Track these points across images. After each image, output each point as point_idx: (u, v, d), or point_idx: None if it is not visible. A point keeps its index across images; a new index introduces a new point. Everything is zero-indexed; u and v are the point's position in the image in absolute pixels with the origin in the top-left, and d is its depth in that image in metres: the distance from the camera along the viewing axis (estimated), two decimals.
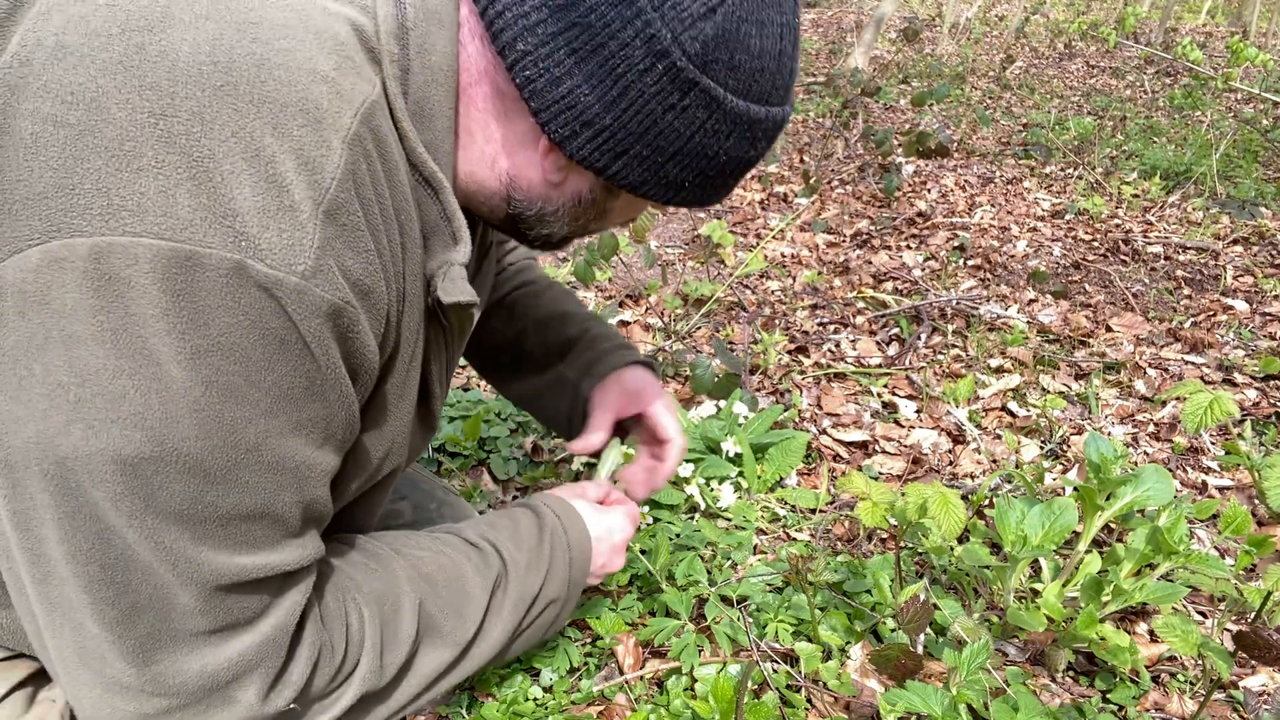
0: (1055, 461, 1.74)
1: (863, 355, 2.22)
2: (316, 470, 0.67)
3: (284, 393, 0.61)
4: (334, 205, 0.60)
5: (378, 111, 0.65)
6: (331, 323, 0.61)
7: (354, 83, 0.64)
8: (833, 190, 3.78)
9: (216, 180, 0.56)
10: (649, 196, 0.75)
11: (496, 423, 1.77)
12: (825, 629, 1.21)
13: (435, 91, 0.69)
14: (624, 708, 1.11)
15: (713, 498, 1.50)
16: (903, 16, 9.61)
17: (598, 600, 1.26)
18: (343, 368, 0.65)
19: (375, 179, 0.65)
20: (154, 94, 0.56)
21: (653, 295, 2.51)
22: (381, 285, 0.66)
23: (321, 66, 0.62)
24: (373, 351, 0.67)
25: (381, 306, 0.67)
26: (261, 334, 0.58)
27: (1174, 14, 10.87)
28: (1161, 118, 5.37)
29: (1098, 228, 3.29)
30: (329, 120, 0.61)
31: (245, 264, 0.56)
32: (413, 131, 0.68)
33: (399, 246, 0.69)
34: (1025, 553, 1.19)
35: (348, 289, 0.62)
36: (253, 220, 0.56)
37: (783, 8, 0.69)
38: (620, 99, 0.67)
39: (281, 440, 0.62)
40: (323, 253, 0.59)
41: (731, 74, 0.68)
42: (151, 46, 0.57)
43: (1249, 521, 1.29)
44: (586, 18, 0.64)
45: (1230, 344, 2.28)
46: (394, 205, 0.68)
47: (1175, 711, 1.13)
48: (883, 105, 5.56)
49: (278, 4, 0.63)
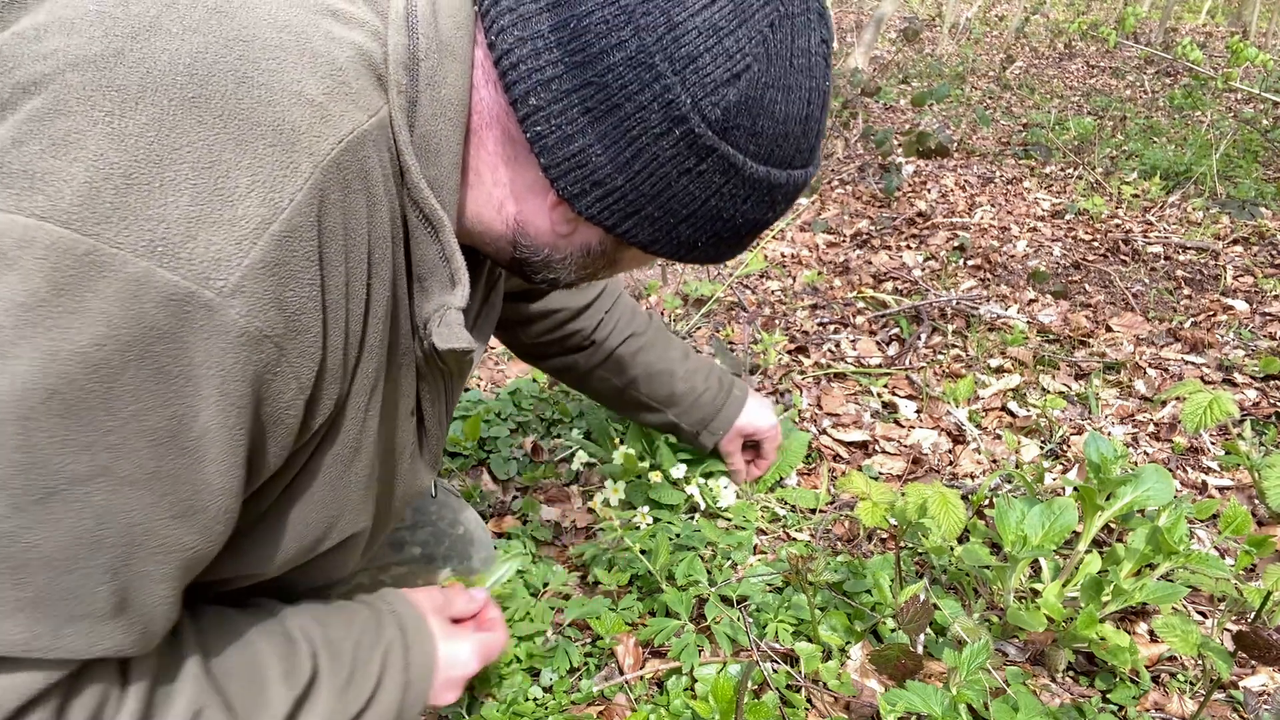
0: (1055, 461, 1.74)
1: (863, 355, 2.23)
2: (158, 544, 0.56)
3: (144, 431, 0.53)
4: (288, 228, 0.55)
5: (368, 143, 0.62)
6: (242, 355, 0.54)
7: (344, 110, 0.60)
8: (833, 190, 3.78)
9: (153, 183, 0.52)
10: (659, 255, 0.73)
11: (496, 423, 1.77)
12: (825, 629, 1.21)
13: (443, 126, 0.66)
14: (624, 708, 1.11)
15: (712, 498, 1.50)
16: (903, 16, 9.61)
17: (598, 600, 1.26)
18: (245, 417, 0.56)
19: (349, 212, 0.61)
20: (118, 95, 0.53)
21: (653, 295, 2.51)
22: (317, 326, 0.59)
23: (309, 90, 0.59)
24: (293, 402, 0.60)
25: (314, 351, 0.59)
26: (139, 355, 0.51)
27: (1174, 14, 10.87)
28: (1161, 118, 5.38)
29: (1098, 228, 3.29)
30: (303, 144, 0.57)
31: (153, 272, 0.51)
32: (415, 166, 0.65)
33: (363, 287, 0.64)
34: (1025, 553, 1.19)
35: (276, 320, 0.56)
36: (178, 227, 0.52)
37: (813, 72, 0.67)
38: (633, 161, 0.64)
39: (120, 489, 0.53)
40: (256, 274, 0.54)
41: (752, 140, 0.65)
42: (131, 53, 0.55)
43: (1249, 521, 1.29)
44: (603, 77, 0.62)
45: (1230, 344, 2.28)
46: (370, 244, 0.63)
47: (1175, 711, 1.13)
48: (883, 105, 5.56)
49: (276, 24, 0.60)
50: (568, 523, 1.51)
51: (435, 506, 1.21)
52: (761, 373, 2.07)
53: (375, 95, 0.64)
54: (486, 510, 1.55)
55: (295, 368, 0.59)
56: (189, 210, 0.52)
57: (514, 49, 0.64)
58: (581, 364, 1.35)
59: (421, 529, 1.18)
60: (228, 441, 0.56)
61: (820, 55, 0.67)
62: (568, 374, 1.39)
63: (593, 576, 1.34)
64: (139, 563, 0.56)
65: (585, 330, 1.32)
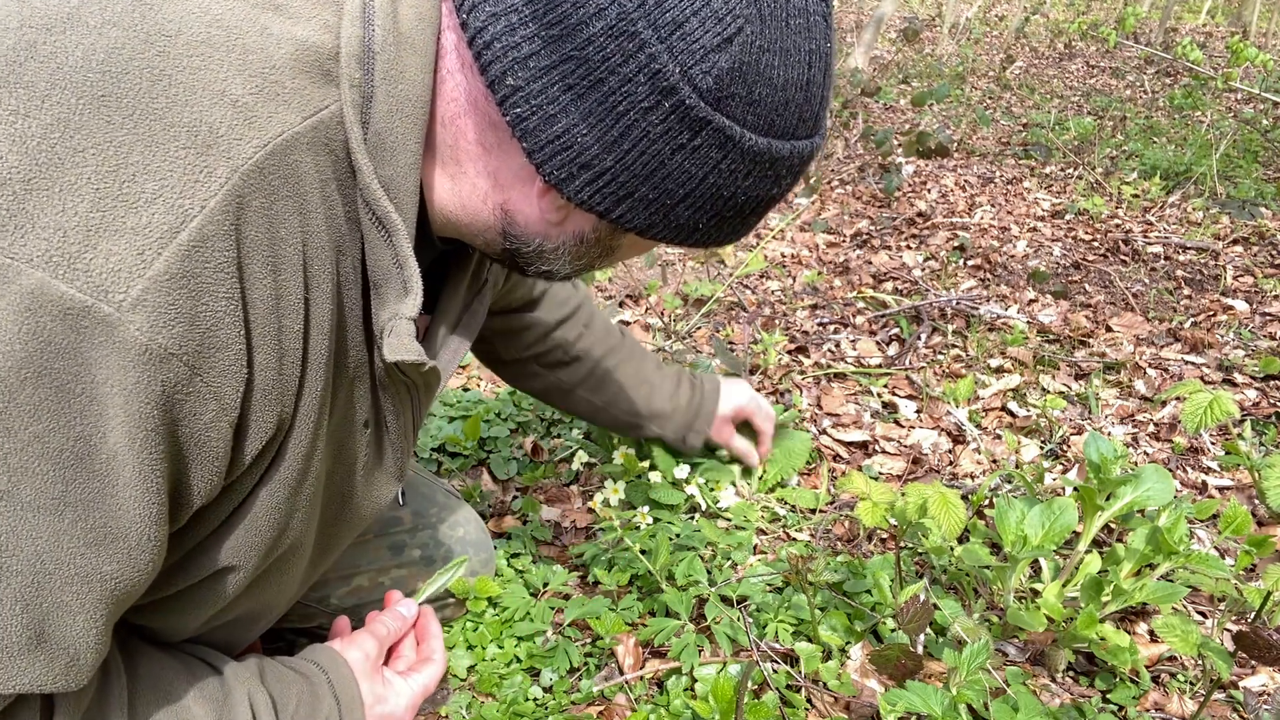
0: (1055, 461, 1.74)
1: (863, 355, 2.22)
2: (72, 573, 0.53)
3: (48, 454, 0.49)
4: (198, 237, 0.51)
5: (300, 146, 0.57)
6: (146, 373, 0.50)
7: (272, 111, 0.56)
8: (833, 190, 3.78)
9: (53, 188, 0.49)
10: (659, 240, 0.68)
11: (497, 423, 1.77)
12: (825, 629, 1.21)
13: (400, 124, 0.62)
14: (624, 708, 1.11)
15: (713, 498, 1.50)
16: (903, 16, 9.61)
17: (598, 600, 1.26)
18: (158, 439, 0.53)
19: (276, 221, 0.56)
20: (25, 94, 0.50)
21: (653, 295, 2.51)
22: (239, 343, 0.55)
23: (233, 89, 0.55)
24: (215, 424, 0.56)
25: (237, 370, 0.55)
26: (36, 372, 0.48)
27: (1174, 14, 10.87)
28: (1161, 118, 5.37)
29: (1098, 228, 3.29)
30: (221, 146, 0.53)
31: (48, 284, 0.47)
32: (368, 166, 0.61)
33: (300, 301, 0.59)
34: (1025, 553, 1.19)
35: (185, 337, 0.51)
36: (76, 236, 0.48)
37: (812, 33, 0.61)
38: (622, 139, 0.60)
39: (23, 515, 0.50)
40: (161, 287, 0.50)
41: (750, 109, 0.60)
42: (44, 46, 0.52)
43: (1249, 521, 1.29)
44: (584, 50, 0.57)
45: (1230, 344, 2.28)
46: (306, 255, 0.59)
47: (1175, 711, 1.13)
48: (883, 105, 5.56)
49: (206, 18, 0.57)
50: (568, 523, 1.51)
51: (435, 509, 1.21)
52: (761, 373, 2.07)
53: (318, 93, 0.59)
54: (486, 510, 1.55)
55: (214, 388, 0.54)
56: (89, 217, 0.49)
57: (487, 26, 0.59)
58: (565, 381, 1.33)
59: (421, 532, 1.18)
60: (140, 465, 0.52)
61: (819, 15, 0.62)
62: (553, 393, 1.36)
63: (593, 576, 1.34)
64: (53, 592, 0.52)
65: (567, 343, 1.30)
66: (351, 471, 0.77)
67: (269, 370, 0.58)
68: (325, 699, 0.82)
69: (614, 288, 2.67)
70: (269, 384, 0.59)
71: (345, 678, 0.85)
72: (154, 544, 0.56)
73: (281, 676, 0.80)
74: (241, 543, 0.66)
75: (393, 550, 1.16)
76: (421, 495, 1.21)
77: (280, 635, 1.16)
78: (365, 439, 0.76)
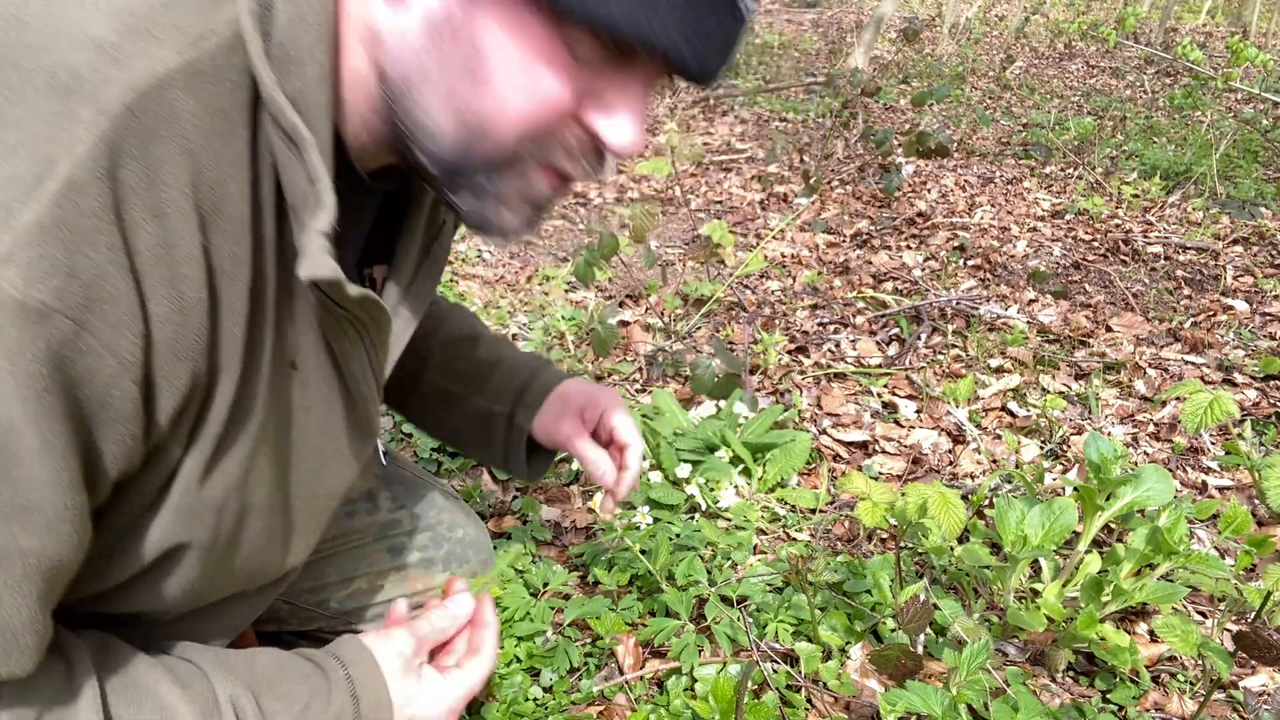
0: (1055, 461, 1.74)
1: (863, 355, 2.23)
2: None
3: None
4: (68, 185, 0.48)
5: (176, 84, 0.53)
6: (27, 331, 0.48)
7: (143, 49, 0.52)
8: (833, 190, 3.79)
9: None
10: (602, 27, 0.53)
11: None
12: (825, 629, 1.21)
13: (304, 34, 0.57)
14: (624, 708, 1.11)
15: (713, 498, 1.50)
16: (903, 16, 9.61)
17: (598, 600, 1.26)
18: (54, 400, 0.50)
19: (156, 164, 0.52)
20: None
21: (653, 295, 2.51)
22: (130, 294, 0.52)
23: (96, 30, 0.51)
24: (115, 381, 0.52)
25: (130, 322, 0.52)
26: None
27: (1174, 14, 10.87)
28: (1161, 118, 5.38)
29: (1098, 228, 3.29)
30: (85, 90, 0.50)
31: None
32: (271, 79, 0.56)
33: (197, 247, 0.55)
34: (1025, 553, 1.19)
35: (66, 290, 0.49)
36: None
37: None
38: None
39: None
40: (31, 239, 0.47)
41: None
42: None
43: (1249, 521, 1.29)
44: None
45: (1230, 344, 2.28)
46: (197, 197, 0.55)
47: (1175, 711, 1.13)
48: (883, 105, 5.56)
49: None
50: (568, 523, 1.51)
51: (434, 510, 1.21)
52: (761, 373, 2.07)
53: (207, 15, 0.55)
54: (486, 510, 1.55)
55: (106, 343, 0.51)
56: None
57: None
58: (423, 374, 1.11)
59: (420, 533, 1.18)
60: (41, 430, 0.50)
61: None
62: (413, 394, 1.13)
63: (593, 576, 1.34)
64: None
65: None
66: (306, 425, 0.71)
67: (169, 323, 0.55)
68: (338, 697, 0.75)
69: (614, 288, 2.67)
70: (171, 337, 0.55)
71: (369, 675, 0.78)
72: (73, 513, 0.53)
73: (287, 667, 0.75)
74: (185, 513, 0.63)
75: (392, 552, 1.15)
76: (421, 496, 1.21)
77: (279, 639, 1.16)
78: (318, 390, 0.71)
